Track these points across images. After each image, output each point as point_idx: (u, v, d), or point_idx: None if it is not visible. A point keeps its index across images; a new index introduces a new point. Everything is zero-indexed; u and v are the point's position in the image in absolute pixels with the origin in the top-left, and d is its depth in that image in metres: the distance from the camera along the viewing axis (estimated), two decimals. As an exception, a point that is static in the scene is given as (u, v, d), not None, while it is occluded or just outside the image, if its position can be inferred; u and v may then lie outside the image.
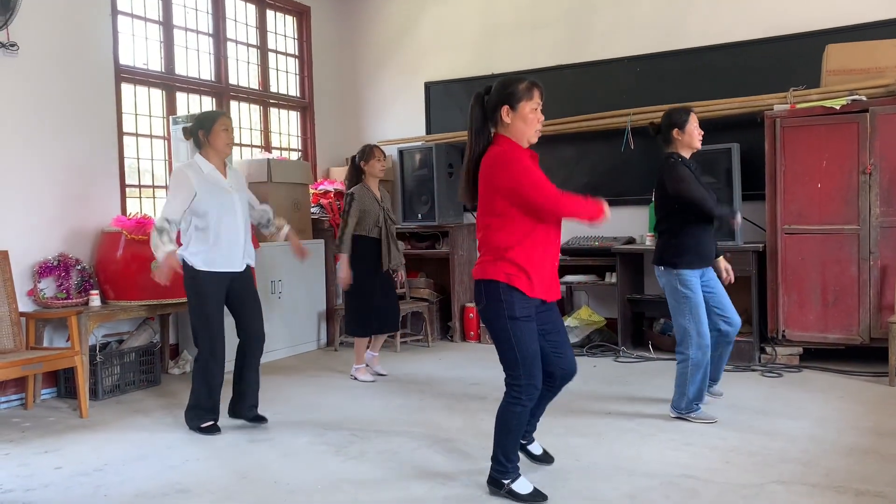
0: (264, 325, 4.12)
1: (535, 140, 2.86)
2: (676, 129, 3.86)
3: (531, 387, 2.83)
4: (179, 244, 3.89)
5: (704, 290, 3.89)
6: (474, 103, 2.87)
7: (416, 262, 6.79)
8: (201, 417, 3.92)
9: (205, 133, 3.92)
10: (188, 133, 4.04)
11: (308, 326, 6.31)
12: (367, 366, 5.20)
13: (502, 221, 2.80)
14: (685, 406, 3.89)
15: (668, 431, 3.73)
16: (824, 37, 5.37)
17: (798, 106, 5.12)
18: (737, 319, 3.99)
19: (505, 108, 2.79)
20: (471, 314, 6.44)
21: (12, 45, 4.60)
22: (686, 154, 3.90)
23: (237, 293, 3.98)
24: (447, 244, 6.51)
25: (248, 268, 4.05)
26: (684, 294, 3.81)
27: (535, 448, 3.24)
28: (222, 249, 3.88)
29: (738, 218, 3.94)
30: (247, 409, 4.05)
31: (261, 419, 4.06)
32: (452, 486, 3.09)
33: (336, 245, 5.06)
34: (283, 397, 4.68)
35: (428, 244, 6.71)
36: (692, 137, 3.86)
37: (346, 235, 4.96)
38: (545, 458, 3.23)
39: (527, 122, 2.80)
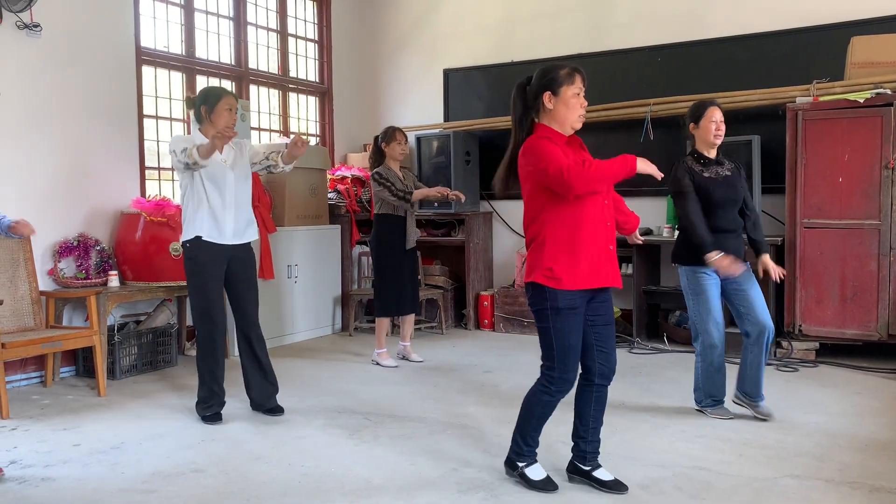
0: (258, 311, 4.00)
1: (578, 125, 2.84)
2: (693, 124, 3.78)
3: (563, 380, 2.81)
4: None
5: (732, 289, 3.77)
6: (516, 93, 2.85)
7: (432, 250, 6.80)
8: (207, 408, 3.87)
9: (207, 109, 3.81)
10: (191, 104, 3.91)
11: (323, 311, 6.34)
12: (405, 348, 5.23)
13: (536, 209, 2.80)
14: (698, 399, 3.88)
15: (680, 423, 3.72)
16: (849, 29, 5.30)
17: (821, 98, 5.06)
18: (762, 320, 3.72)
19: (547, 94, 2.78)
20: (485, 302, 6.45)
21: (35, 26, 4.63)
22: (706, 150, 3.77)
23: (235, 276, 3.89)
24: (463, 232, 6.51)
25: (250, 251, 3.97)
26: (691, 290, 3.78)
27: (604, 474, 2.92)
28: (213, 219, 3.77)
29: (714, 258, 3.59)
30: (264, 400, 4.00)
31: (277, 410, 3.99)
32: (465, 471, 3.11)
33: (410, 204, 4.97)
34: (297, 380, 4.71)
35: (444, 232, 6.71)
36: (706, 132, 3.72)
37: (403, 194, 4.92)
38: (616, 486, 2.87)
39: (569, 107, 2.78)
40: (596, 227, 2.78)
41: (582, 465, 2.96)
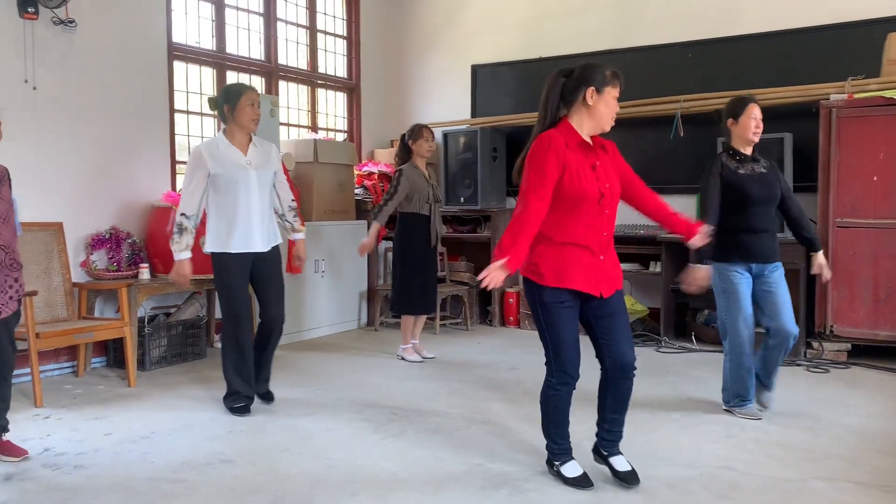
0: (285, 308, 4.06)
1: (608, 128, 2.85)
2: (731, 119, 3.73)
3: (561, 372, 2.82)
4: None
5: (761, 291, 3.73)
6: (554, 83, 2.83)
7: (458, 246, 6.80)
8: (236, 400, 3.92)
9: (230, 108, 3.80)
10: (213, 105, 3.94)
11: (349, 305, 6.37)
12: (414, 346, 5.23)
13: None
14: (726, 399, 3.85)
15: (708, 423, 3.69)
16: (886, 25, 5.20)
17: (856, 96, 4.98)
18: (787, 328, 3.68)
19: (591, 90, 2.77)
20: (510, 299, 6.43)
21: (70, 22, 4.70)
22: (742, 147, 3.73)
23: (260, 274, 3.92)
24: (489, 228, 6.51)
25: (275, 249, 3.99)
26: (721, 288, 3.74)
27: (619, 463, 2.95)
28: (238, 229, 3.79)
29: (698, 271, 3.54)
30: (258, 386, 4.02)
31: (268, 396, 4.08)
32: (490, 467, 3.11)
33: (373, 213, 5.03)
34: (324, 374, 4.75)
35: (469, 228, 6.71)
36: (745, 129, 3.68)
37: (386, 207, 4.96)
38: (628, 478, 2.90)
39: (609, 107, 2.81)
40: (590, 235, 2.79)
41: (601, 449, 3.01)
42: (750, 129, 3.68)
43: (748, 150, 3.75)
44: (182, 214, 3.76)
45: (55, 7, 4.59)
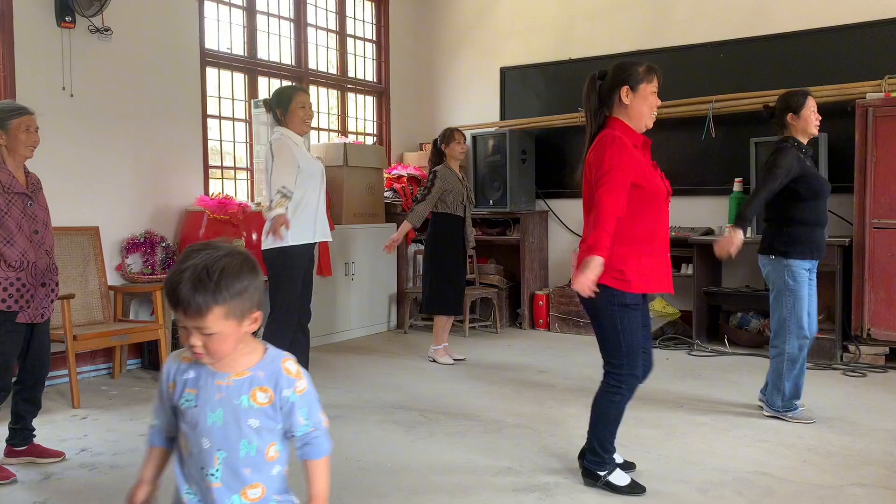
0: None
1: (651, 124, 2.83)
2: (791, 114, 3.68)
3: (632, 377, 2.82)
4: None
5: (809, 287, 3.71)
6: (590, 86, 2.82)
7: (487, 249, 6.80)
8: None
9: (282, 112, 3.86)
10: (268, 106, 3.99)
11: (379, 308, 6.40)
12: (445, 348, 5.23)
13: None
14: (782, 404, 3.74)
15: (741, 427, 3.64)
16: (924, 21, 5.09)
17: (893, 94, 4.88)
18: (814, 328, 3.74)
19: (625, 89, 2.76)
20: (540, 302, 6.41)
21: (106, 30, 4.79)
22: (803, 140, 3.70)
23: (306, 272, 3.97)
24: (518, 231, 6.49)
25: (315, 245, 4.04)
26: (791, 285, 3.64)
27: (616, 457, 3.01)
28: (308, 219, 3.85)
29: (738, 238, 3.45)
30: None
31: None
32: (520, 471, 3.10)
33: (408, 213, 5.08)
34: (353, 376, 4.77)
35: (499, 230, 6.70)
36: (808, 123, 3.66)
37: (420, 207, 5.00)
38: (626, 467, 3.02)
39: (648, 104, 2.78)
40: (657, 233, 2.81)
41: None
42: (812, 122, 3.68)
43: (805, 143, 3.74)
44: (285, 187, 3.65)
45: (91, 16, 4.69)
